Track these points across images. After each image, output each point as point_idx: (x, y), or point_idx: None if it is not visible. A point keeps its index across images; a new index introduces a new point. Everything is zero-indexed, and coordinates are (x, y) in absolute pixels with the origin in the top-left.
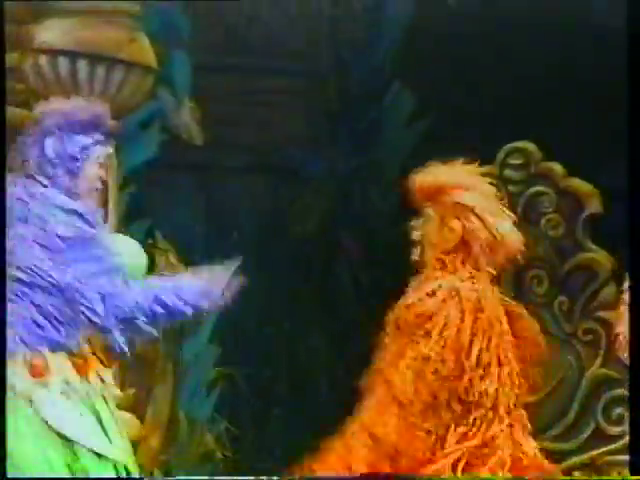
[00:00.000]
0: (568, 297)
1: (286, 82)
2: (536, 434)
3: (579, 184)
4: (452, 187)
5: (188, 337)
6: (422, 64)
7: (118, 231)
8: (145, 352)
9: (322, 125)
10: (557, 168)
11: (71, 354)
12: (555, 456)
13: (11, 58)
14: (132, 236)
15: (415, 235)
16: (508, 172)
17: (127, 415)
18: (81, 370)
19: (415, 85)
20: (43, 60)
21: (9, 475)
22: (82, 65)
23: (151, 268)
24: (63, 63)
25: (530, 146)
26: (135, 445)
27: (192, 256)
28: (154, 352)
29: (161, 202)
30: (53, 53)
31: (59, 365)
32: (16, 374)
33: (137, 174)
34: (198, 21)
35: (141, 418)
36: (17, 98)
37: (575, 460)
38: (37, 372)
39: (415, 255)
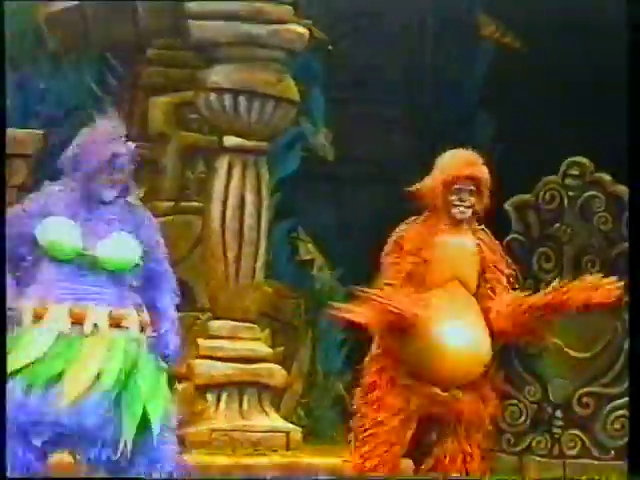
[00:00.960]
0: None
1: (398, 112)
2: (590, 382)
3: (623, 189)
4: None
5: (325, 306)
6: (503, 98)
7: (269, 227)
8: (292, 319)
9: (424, 145)
10: (606, 177)
11: None
12: (605, 399)
13: (188, 95)
14: (280, 231)
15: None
16: (568, 180)
17: (277, 367)
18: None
19: (497, 115)
20: (212, 96)
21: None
22: (242, 100)
23: (294, 254)
24: (228, 98)
25: (585, 160)
26: (283, 390)
27: (326, 246)
28: (298, 319)
29: (302, 205)
30: (220, 91)
31: None
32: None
33: (284, 183)
34: (330, 66)
35: (288, 370)
36: (193, 125)
37: (621, 402)
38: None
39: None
